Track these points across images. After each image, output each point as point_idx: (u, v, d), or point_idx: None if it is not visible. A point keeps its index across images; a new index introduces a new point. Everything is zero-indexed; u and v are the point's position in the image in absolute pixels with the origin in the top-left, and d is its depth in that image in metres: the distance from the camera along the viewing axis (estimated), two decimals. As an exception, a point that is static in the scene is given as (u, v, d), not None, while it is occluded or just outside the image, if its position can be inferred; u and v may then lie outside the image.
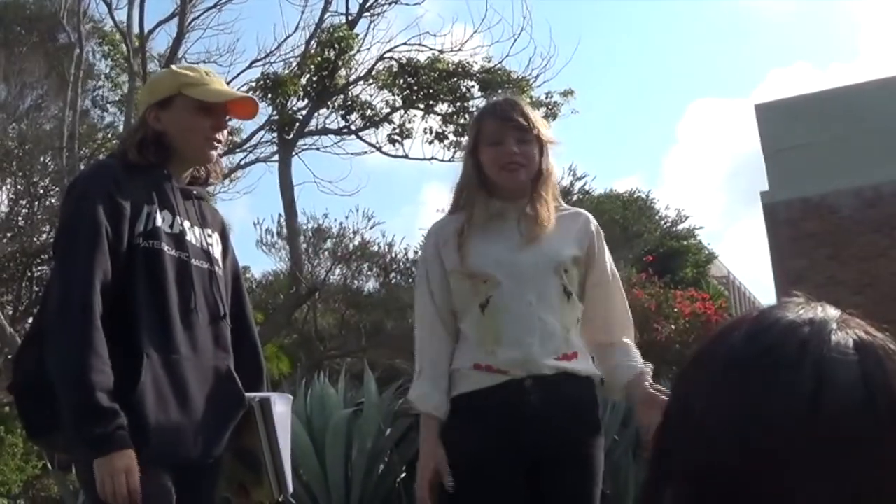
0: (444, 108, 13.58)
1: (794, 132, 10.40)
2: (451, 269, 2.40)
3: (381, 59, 13.48)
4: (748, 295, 27.81)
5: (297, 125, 13.20)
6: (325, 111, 13.68)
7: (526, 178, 2.42)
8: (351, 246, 16.61)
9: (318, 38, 13.14)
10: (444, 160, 13.51)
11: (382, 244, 16.97)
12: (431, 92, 13.34)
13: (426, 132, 13.58)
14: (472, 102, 13.19)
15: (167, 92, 2.33)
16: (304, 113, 13.35)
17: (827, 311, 0.77)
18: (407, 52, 13.48)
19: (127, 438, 2.01)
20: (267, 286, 18.74)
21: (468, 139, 2.55)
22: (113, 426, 2.00)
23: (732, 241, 49.14)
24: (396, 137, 13.69)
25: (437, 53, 13.32)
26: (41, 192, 15.28)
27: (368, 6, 13.35)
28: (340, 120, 13.83)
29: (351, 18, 13.28)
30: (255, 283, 18.37)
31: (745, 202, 53.57)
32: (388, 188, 35.94)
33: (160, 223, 2.22)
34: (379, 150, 13.96)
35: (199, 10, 13.56)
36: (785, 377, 0.71)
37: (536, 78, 13.16)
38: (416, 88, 13.35)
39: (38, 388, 2.12)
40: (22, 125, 15.15)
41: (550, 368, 2.31)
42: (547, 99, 13.40)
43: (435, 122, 13.61)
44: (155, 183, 2.27)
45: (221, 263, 2.40)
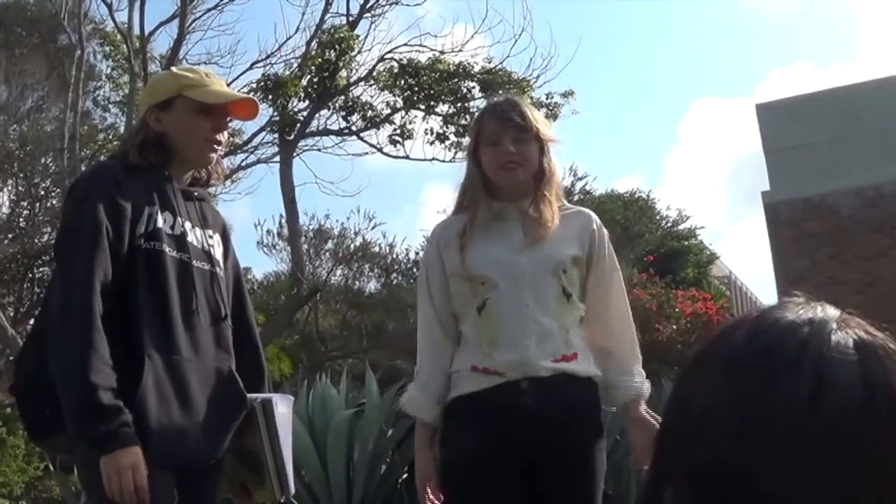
0: (444, 108, 13.59)
1: (795, 132, 10.38)
2: (451, 271, 2.40)
3: (381, 59, 13.50)
4: (750, 295, 27.77)
5: (298, 126, 13.21)
6: (326, 112, 13.71)
7: (524, 177, 2.41)
8: (352, 247, 16.64)
9: (318, 39, 13.14)
10: (445, 161, 13.54)
11: (383, 245, 17.01)
12: (432, 93, 13.34)
13: (427, 133, 13.60)
14: (472, 103, 13.19)
15: (167, 94, 2.33)
16: (305, 114, 13.36)
17: (827, 310, 0.77)
18: (408, 52, 13.50)
19: (132, 435, 2.01)
20: (268, 287, 18.76)
21: (469, 140, 2.56)
22: (116, 423, 1.99)
23: (734, 240, 49.13)
24: (397, 138, 13.71)
25: (437, 54, 13.33)
26: (42, 193, 15.29)
27: (369, 7, 13.37)
28: (341, 121, 13.86)
29: (351, 19, 13.29)
30: (256, 284, 18.39)
31: (746, 202, 53.58)
32: (389, 189, 36.00)
33: (161, 224, 2.22)
34: (380, 150, 13.98)
35: (199, 11, 13.57)
36: (785, 377, 0.71)
37: (537, 78, 13.18)
38: (416, 89, 13.34)
39: (39, 389, 2.12)
40: (23, 126, 15.16)
41: (547, 370, 2.30)
42: (548, 100, 13.40)
43: (436, 122, 13.63)
44: (156, 184, 2.27)
45: (222, 264, 2.40)
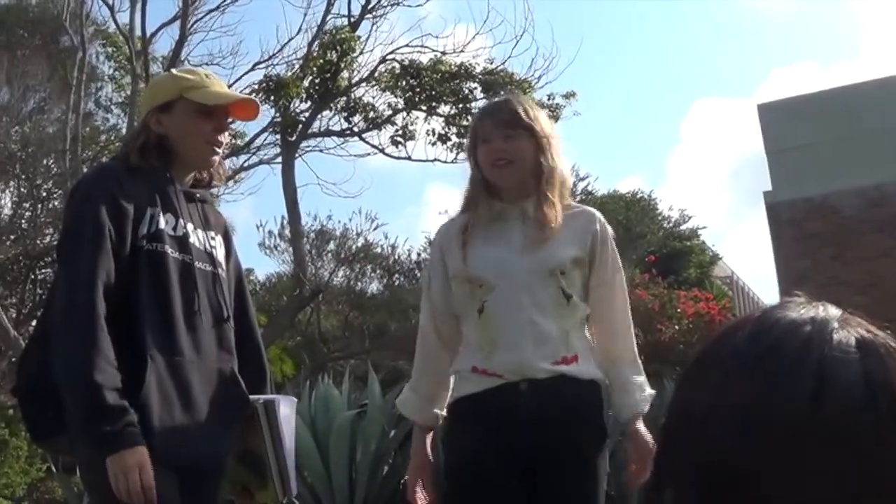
0: (446, 109, 13.60)
1: (797, 132, 10.37)
2: (453, 274, 2.40)
3: (383, 60, 13.51)
4: (752, 295, 27.75)
5: (299, 127, 13.22)
6: (327, 113, 13.73)
7: (516, 174, 2.38)
8: (354, 248, 16.66)
9: (320, 40, 13.16)
10: (446, 162, 13.55)
11: (386, 246, 17.03)
12: (434, 93, 13.34)
13: (429, 134, 13.61)
14: (474, 104, 13.18)
15: (168, 96, 2.33)
16: (306, 115, 13.36)
17: (828, 310, 0.76)
18: (409, 53, 13.52)
19: (138, 435, 2.01)
20: (270, 288, 18.79)
21: (468, 140, 2.55)
22: (122, 423, 1.99)
23: (736, 241, 49.08)
24: (399, 139, 13.71)
25: (439, 55, 13.34)
26: (44, 194, 15.32)
27: (371, 8, 13.38)
28: (343, 122, 13.87)
29: (353, 20, 13.31)
30: (258, 285, 18.42)
31: (748, 202, 53.57)
32: (391, 189, 36.02)
33: (163, 226, 2.22)
34: (382, 151, 13.99)
35: (201, 12, 13.60)
36: (787, 376, 0.71)
37: (539, 79, 13.19)
38: (418, 90, 13.35)
39: (41, 390, 2.12)
40: (25, 128, 15.19)
41: (546, 372, 2.28)
42: (549, 101, 13.39)
43: (437, 123, 13.64)
44: (158, 186, 2.27)
45: (224, 266, 2.40)
